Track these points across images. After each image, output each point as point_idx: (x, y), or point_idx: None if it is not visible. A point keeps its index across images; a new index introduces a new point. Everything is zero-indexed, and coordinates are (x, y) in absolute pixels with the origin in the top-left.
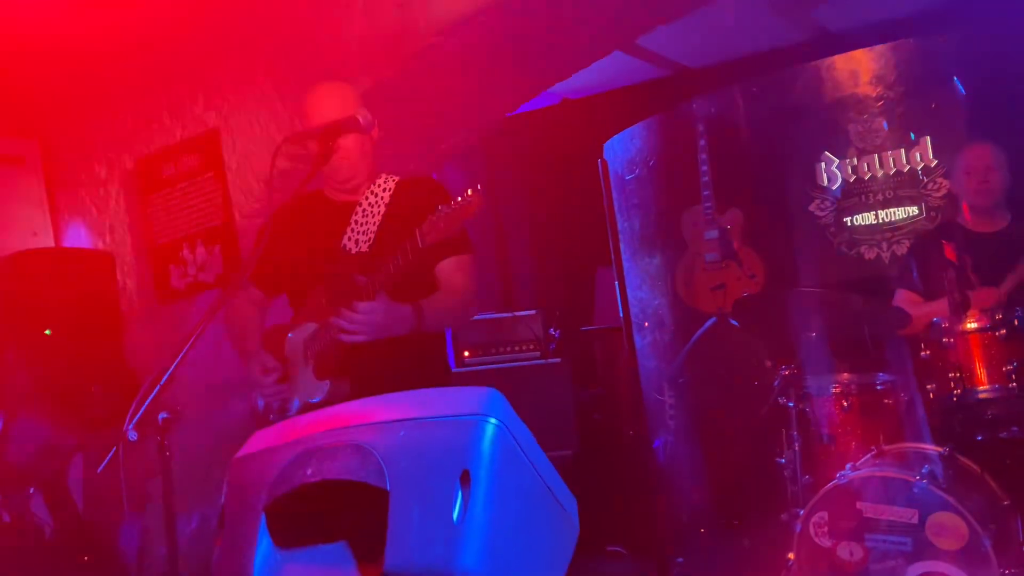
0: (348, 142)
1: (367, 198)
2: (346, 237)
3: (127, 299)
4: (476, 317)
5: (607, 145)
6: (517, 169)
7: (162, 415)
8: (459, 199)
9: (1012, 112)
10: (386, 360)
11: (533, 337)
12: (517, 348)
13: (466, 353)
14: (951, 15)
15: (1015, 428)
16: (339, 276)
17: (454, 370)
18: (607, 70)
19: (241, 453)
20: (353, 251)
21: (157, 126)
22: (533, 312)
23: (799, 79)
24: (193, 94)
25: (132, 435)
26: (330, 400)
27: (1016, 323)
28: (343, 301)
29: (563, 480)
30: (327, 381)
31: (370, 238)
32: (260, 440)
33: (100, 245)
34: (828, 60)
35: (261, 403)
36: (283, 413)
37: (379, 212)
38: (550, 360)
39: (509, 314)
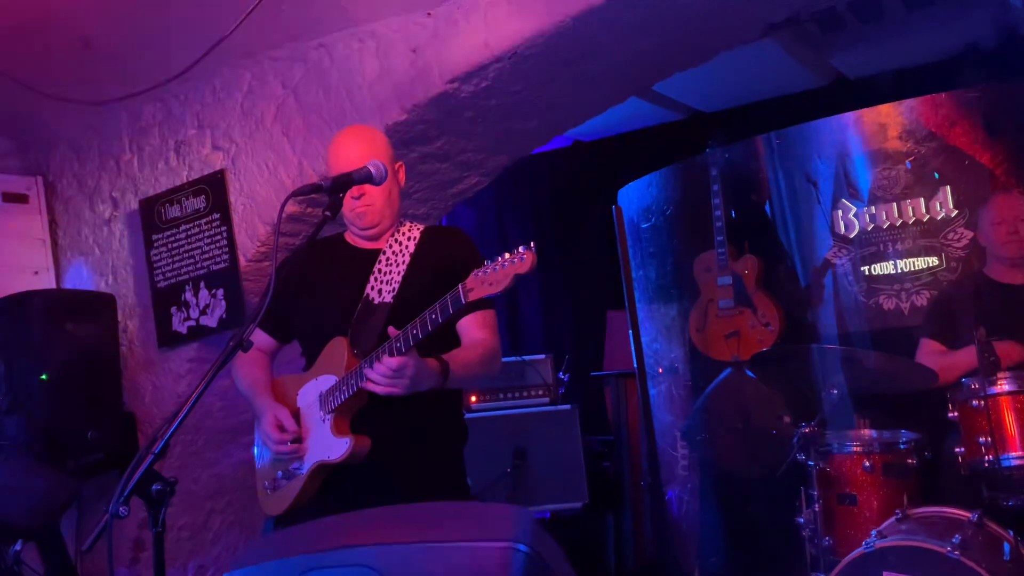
0: (374, 189)
1: (391, 246)
2: (369, 286)
3: (127, 342)
4: None
5: (622, 192)
6: (528, 211)
7: (155, 487)
8: (510, 255)
9: None
10: (405, 414)
11: (542, 382)
12: (526, 393)
13: (473, 398)
14: (967, 63)
15: None
16: (363, 326)
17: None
18: (621, 113)
19: (234, 570)
20: (376, 301)
21: (163, 166)
22: (543, 357)
23: (823, 130)
24: (201, 135)
25: (122, 511)
26: (350, 460)
27: None
28: (369, 354)
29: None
30: (347, 439)
31: (394, 288)
32: (255, 553)
33: (102, 286)
34: (856, 113)
35: (261, 455)
36: (295, 471)
37: (404, 261)
38: (560, 407)
39: (518, 358)
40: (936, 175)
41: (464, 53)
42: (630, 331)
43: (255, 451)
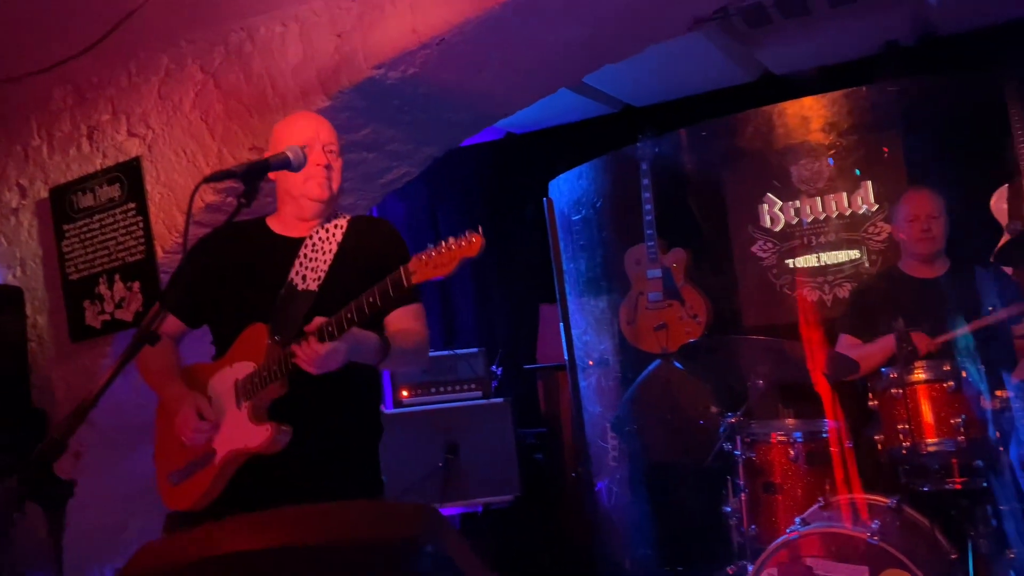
0: (316, 173)
1: (317, 233)
2: (294, 272)
3: (37, 337)
4: None
5: (553, 184)
6: (460, 203)
7: (52, 489)
8: (455, 239)
9: (949, 158)
10: (324, 405)
11: (475, 376)
12: (458, 387)
13: (404, 393)
14: (888, 60)
15: (962, 480)
16: (285, 313)
17: (392, 411)
18: (553, 106)
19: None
20: (300, 288)
21: (75, 153)
22: (476, 351)
23: (749, 124)
24: (115, 120)
25: (16, 516)
26: (270, 447)
27: (964, 375)
28: (294, 341)
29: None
30: (268, 426)
31: (320, 276)
32: (149, 555)
33: (10, 278)
34: (780, 106)
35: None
36: (206, 461)
37: (331, 250)
38: (492, 400)
39: (450, 352)
40: (858, 171)
41: (390, 39)
42: (561, 324)
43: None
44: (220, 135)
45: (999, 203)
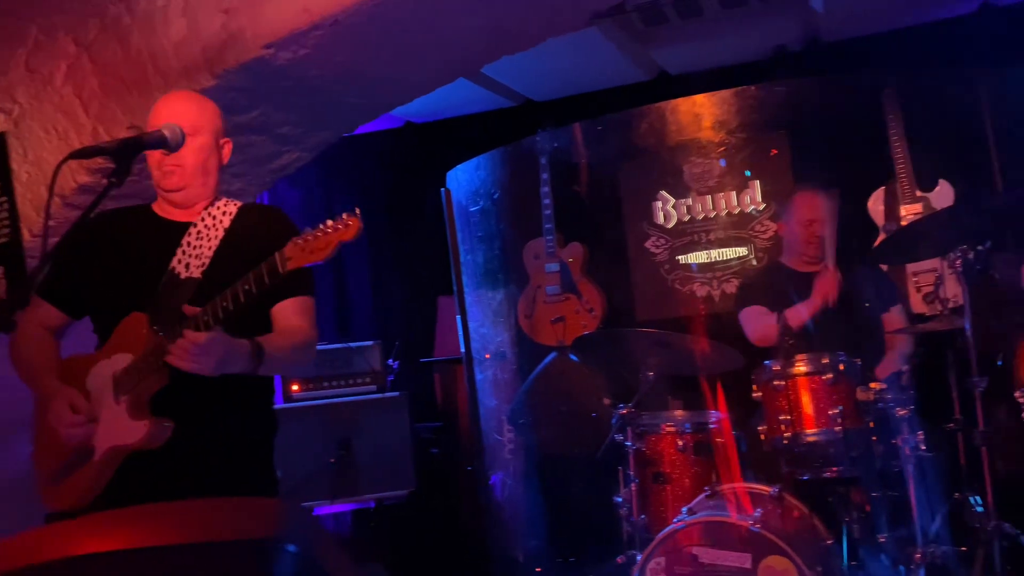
0: (187, 149)
1: (203, 219)
2: (176, 259)
3: None
4: None
5: (451, 174)
6: (357, 192)
7: None
8: (333, 222)
9: (833, 160)
10: (210, 399)
11: (370, 370)
12: (352, 381)
13: (295, 387)
14: (777, 64)
15: (838, 468)
16: (166, 302)
17: (282, 406)
18: (453, 97)
19: None
20: (183, 275)
21: None
22: (371, 343)
23: (643, 120)
24: None
25: None
26: (147, 444)
27: (841, 368)
28: (171, 331)
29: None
30: (144, 422)
31: (204, 263)
32: None
33: None
34: (672, 103)
35: (41, 443)
36: (85, 458)
37: (216, 236)
38: (388, 394)
39: (344, 345)
40: (748, 173)
41: (281, 17)
42: (458, 316)
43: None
44: (95, 112)
45: (876, 204)
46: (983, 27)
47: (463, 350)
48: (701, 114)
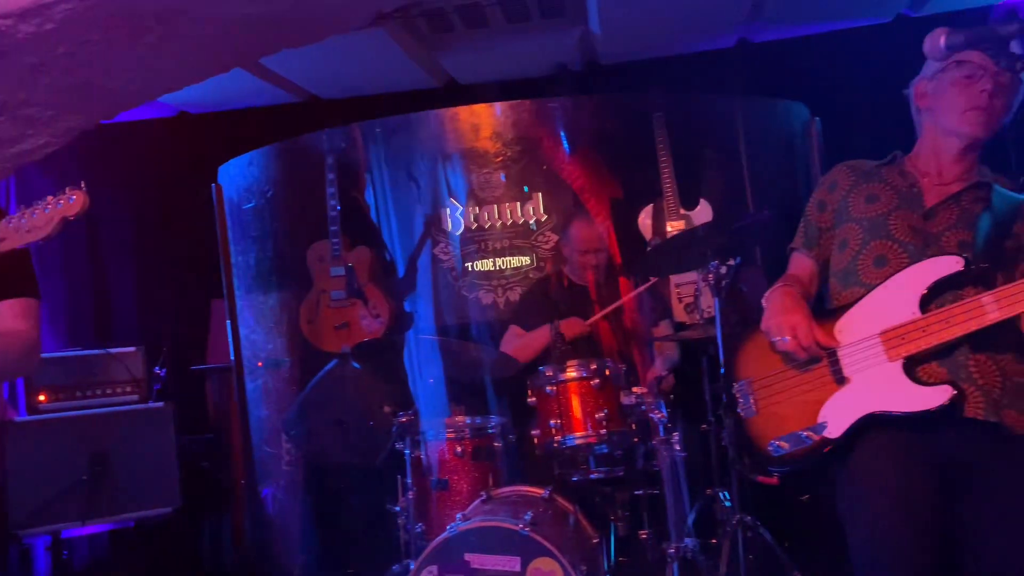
0: None
1: None
2: None
3: None
4: (59, 353)
5: (223, 169)
6: (124, 184)
7: None
8: (54, 197)
9: (609, 176)
10: None
11: (131, 378)
12: (110, 390)
13: (41, 397)
14: (559, 81)
15: (604, 469)
16: None
17: (25, 418)
18: (234, 88)
19: None
20: None
21: None
22: (133, 349)
23: (422, 126)
24: None
25: None
26: None
27: (608, 373)
28: None
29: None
30: None
31: None
32: None
33: None
34: (452, 111)
35: None
36: None
37: None
38: (151, 404)
39: (102, 351)
40: (526, 188)
41: None
42: (228, 321)
43: None
44: None
45: (645, 219)
46: (742, 60)
47: (232, 358)
48: (479, 124)
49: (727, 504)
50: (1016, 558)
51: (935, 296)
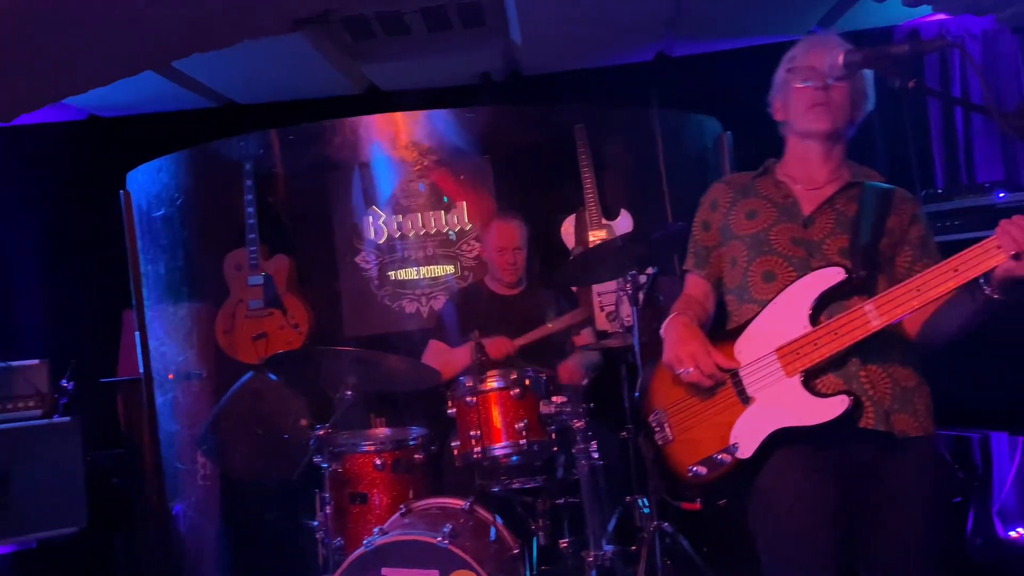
0: None
1: None
2: None
3: None
4: None
5: (131, 175)
6: (31, 190)
7: None
8: None
9: (532, 185)
10: None
11: (35, 392)
12: (11, 406)
13: None
14: (486, 92)
15: (525, 479)
16: None
17: None
18: (145, 91)
19: None
20: None
21: None
22: (37, 362)
23: (337, 133)
24: None
25: None
26: None
27: (528, 383)
28: None
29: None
30: None
31: None
32: None
33: None
34: (368, 118)
35: None
36: None
37: None
38: (56, 419)
39: (3, 364)
40: (445, 199)
41: None
42: (137, 333)
43: None
44: None
45: (568, 229)
46: (660, 74)
47: (142, 370)
48: (395, 132)
49: (646, 511)
50: (914, 563)
51: (824, 307)
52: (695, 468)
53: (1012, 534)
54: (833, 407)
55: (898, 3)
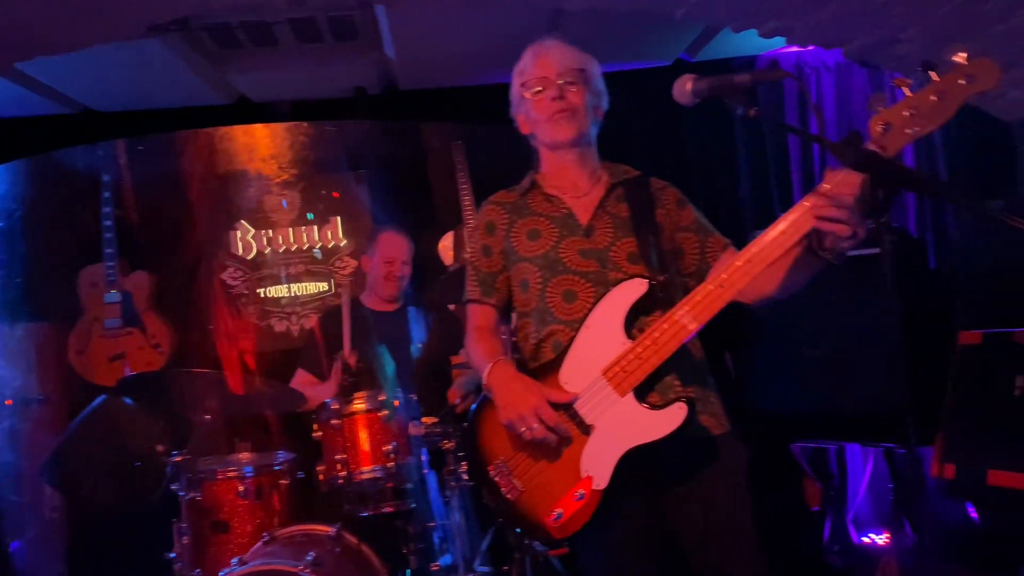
0: None
1: None
2: None
3: None
4: None
5: None
6: None
7: None
8: None
9: (408, 200)
10: None
11: None
12: None
13: None
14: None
15: (395, 502)
16: None
17: None
18: None
19: None
20: None
21: None
22: None
23: (190, 144)
24: None
25: None
26: None
27: (397, 404)
28: None
29: None
30: None
31: None
32: None
33: None
34: (224, 129)
35: None
36: None
37: None
38: None
39: None
40: (310, 215)
41: None
42: None
43: None
44: None
45: (445, 245)
46: None
47: None
48: (255, 145)
49: (518, 531)
50: (738, 561)
51: (635, 320)
52: (557, 512)
53: (865, 539)
54: (674, 416)
55: (756, 34)
